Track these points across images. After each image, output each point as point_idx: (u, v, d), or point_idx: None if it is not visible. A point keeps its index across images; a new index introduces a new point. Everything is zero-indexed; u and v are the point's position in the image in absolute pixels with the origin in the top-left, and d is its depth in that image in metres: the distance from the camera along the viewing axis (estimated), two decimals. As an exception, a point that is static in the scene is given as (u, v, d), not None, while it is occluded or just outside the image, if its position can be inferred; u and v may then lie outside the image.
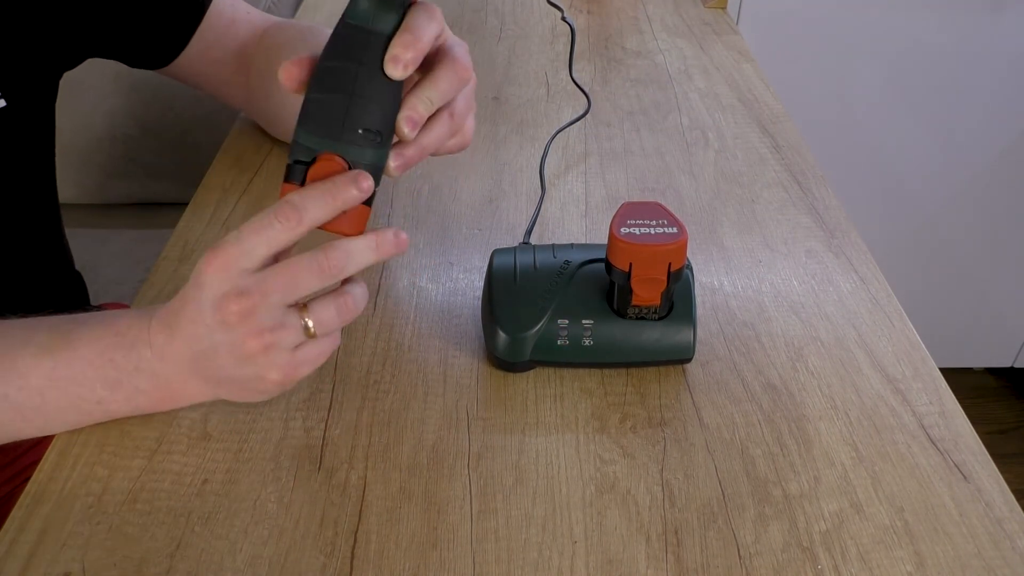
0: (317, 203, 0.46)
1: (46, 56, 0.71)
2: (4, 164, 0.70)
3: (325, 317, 0.48)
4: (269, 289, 0.45)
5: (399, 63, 0.46)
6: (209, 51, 0.76)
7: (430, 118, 0.51)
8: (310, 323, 0.47)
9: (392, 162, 0.49)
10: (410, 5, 0.48)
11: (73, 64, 0.75)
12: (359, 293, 0.49)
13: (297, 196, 0.46)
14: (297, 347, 0.48)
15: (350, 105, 0.47)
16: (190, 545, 0.47)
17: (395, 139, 0.50)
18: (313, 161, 0.47)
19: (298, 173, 0.47)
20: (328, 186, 0.46)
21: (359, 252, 0.47)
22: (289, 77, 0.47)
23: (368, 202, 0.48)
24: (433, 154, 0.53)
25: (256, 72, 0.76)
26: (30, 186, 0.76)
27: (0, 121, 0.68)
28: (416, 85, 0.49)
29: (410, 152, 0.50)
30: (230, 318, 0.46)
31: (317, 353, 0.49)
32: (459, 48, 0.51)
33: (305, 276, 0.46)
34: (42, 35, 0.69)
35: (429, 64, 0.50)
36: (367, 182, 0.47)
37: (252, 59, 0.77)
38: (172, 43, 0.75)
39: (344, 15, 0.47)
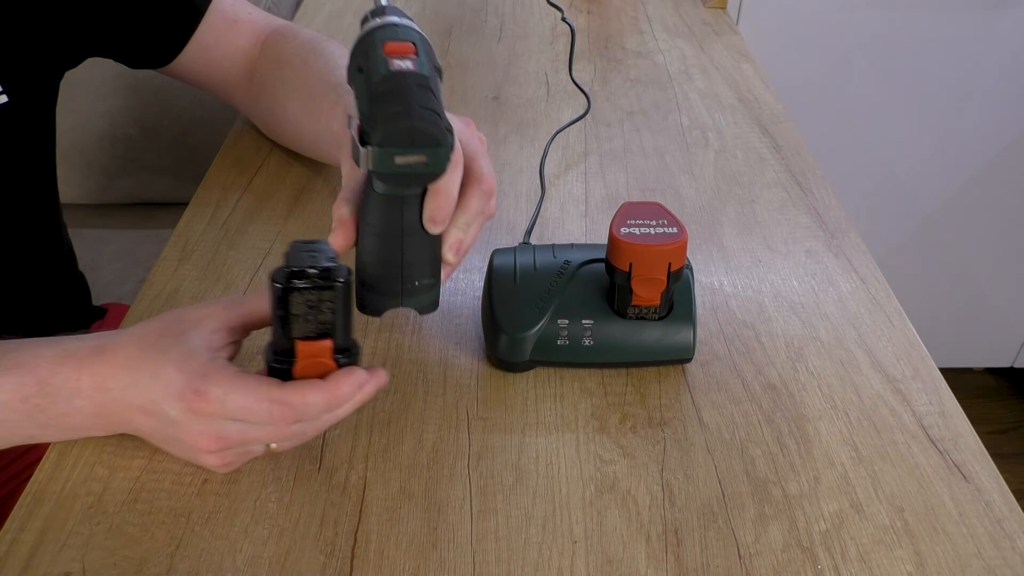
0: (318, 407, 0.46)
1: (47, 54, 0.71)
2: (6, 161, 0.70)
3: (290, 445, 0.50)
4: (249, 439, 0.47)
5: (437, 223, 0.49)
6: (209, 52, 0.76)
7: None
8: (273, 445, 0.49)
9: (443, 277, 0.53)
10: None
11: (74, 63, 0.75)
12: (325, 420, 0.49)
13: (299, 404, 0.46)
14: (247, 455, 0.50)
15: (404, 270, 0.50)
16: (190, 545, 0.47)
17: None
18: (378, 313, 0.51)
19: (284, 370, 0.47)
20: (330, 390, 0.47)
21: (334, 416, 0.49)
22: (347, 240, 0.50)
23: (354, 362, 0.48)
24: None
25: (258, 80, 0.76)
26: (32, 185, 0.76)
27: (2, 117, 0.68)
28: (452, 218, 0.51)
29: (453, 264, 0.53)
30: (201, 447, 0.47)
31: (255, 455, 0.51)
32: (480, 161, 0.53)
33: (288, 437, 0.48)
34: (44, 33, 0.69)
35: None
36: (371, 387, 0.49)
37: (255, 65, 0.77)
38: (171, 42, 0.75)
39: (371, 184, 0.48)
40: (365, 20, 0.49)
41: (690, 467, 0.52)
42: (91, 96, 1.25)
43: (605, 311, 0.56)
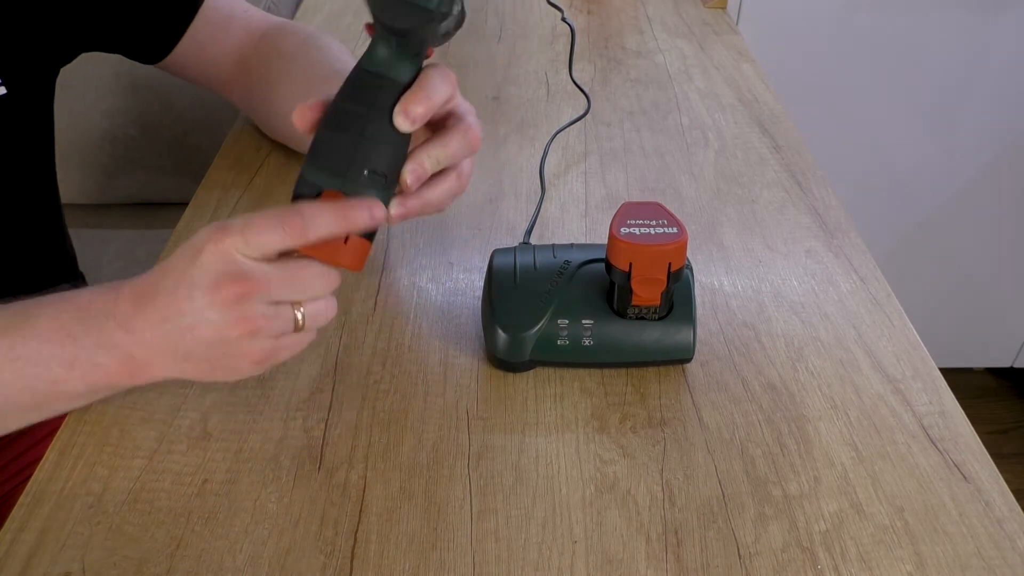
0: (326, 219, 0.46)
1: (44, 47, 0.71)
2: (4, 154, 0.70)
3: (316, 311, 0.48)
4: (271, 280, 0.46)
5: (408, 116, 0.48)
6: (205, 47, 0.76)
7: (437, 175, 0.53)
8: (300, 316, 0.47)
9: (393, 210, 0.51)
10: (426, 57, 0.49)
11: (70, 57, 0.75)
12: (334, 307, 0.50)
13: (308, 208, 0.46)
14: (279, 335, 0.48)
15: (358, 146, 0.48)
16: (190, 545, 0.47)
17: (398, 188, 0.51)
18: (317, 196, 0.48)
19: None
20: (341, 206, 0.46)
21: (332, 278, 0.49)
22: (302, 119, 0.49)
23: (370, 237, 0.48)
24: (434, 210, 0.54)
25: (256, 76, 0.76)
26: (30, 180, 0.76)
27: (1, 109, 0.68)
28: (426, 142, 0.51)
29: (412, 203, 0.52)
30: (224, 299, 0.45)
31: (296, 342, 0.49)
32: (472, 116, 0.53)
33: (312, 282, 0.47)
34: (40, 25, 0.69)
35: (439, 125, 0.52)
36: (380, 212, 0.47)
37: (251, 60, 0.77)
38: (166, 37, 0.75)
39: (360, 61, 0.49)
40: None
41: (690, 467, 0.52)
42: (91, 96, 1.25)
43: (605, 311, 0.56)
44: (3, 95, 0.67)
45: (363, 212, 0.47)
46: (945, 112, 1.47)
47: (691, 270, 0.58)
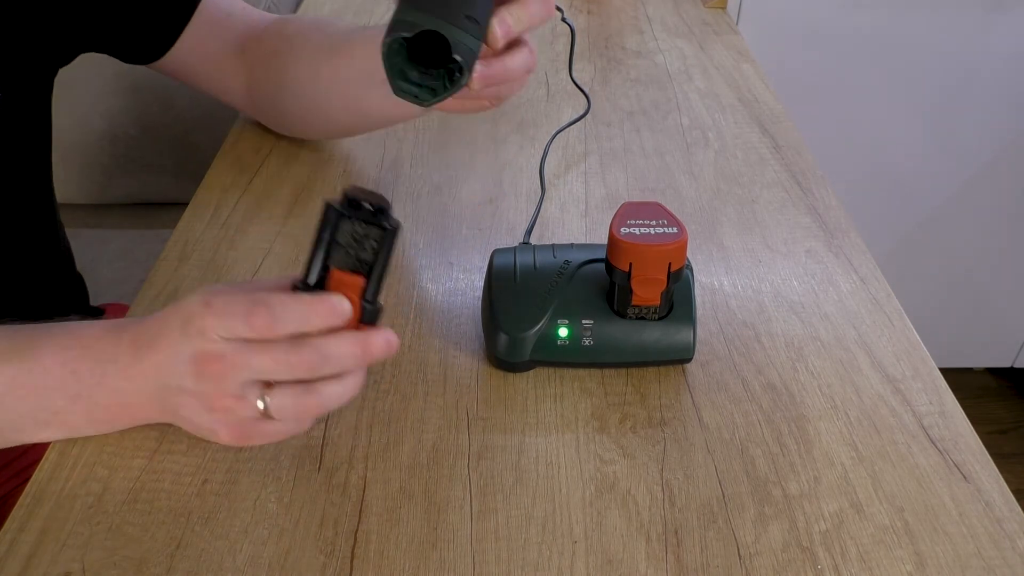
0: (296, 322, 0.46)
1: (40, 50, 0.71)
2: (1, 157, 0.70)
3: (282, 404, 0.47)
4: (243, 363, 0.46)
5: None
6: (203, 45, 0.75)
7: (513, 44, 0.54)
8: (262, 405, 0.47)
9: (476, 71, 0.51)
10: None
11: (67, 59, 0.75)
12: (330, 393, 0.48)
13: (280, 305, 0.45)
14: (256, 419, 0.48)
15: None
16: (190, 545, 0.47)
17: (483, 46, 0.51)
18: (415, 36, 0.47)
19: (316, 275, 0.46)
20: (310, 303, 0.46)
21: (340, 357, 0.47)
22: None
23: (373, 319, 0.47)
24: (495, 98, 0.56)
25: (261, 65, 0.75)
26: (27, 182, 0.76)
27: None
28: (507, 2, 0.52)
29: (494, 69, 0.53)
30: (201, 373, 0.46)
31: (272, 431, 0.49)
32: None
33: (276, 366, 0.46)
34: (37, 28, 0.69)
35: None
36: (347, 307, 0.46)
37: (253, 52, 0.76)
38: (164, 35, 0.74)
39: None
40: None
41: (690, 467, 0.52)
42: (91, 96, 1.25)
43: (605, 311, 0.56)
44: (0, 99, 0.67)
45: (329, 313, 0.46)
46: (945, 112, 1.46)
47: (691, 270, 0.58)
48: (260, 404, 0.47)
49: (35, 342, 0.50)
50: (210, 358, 0.46)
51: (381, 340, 0.47)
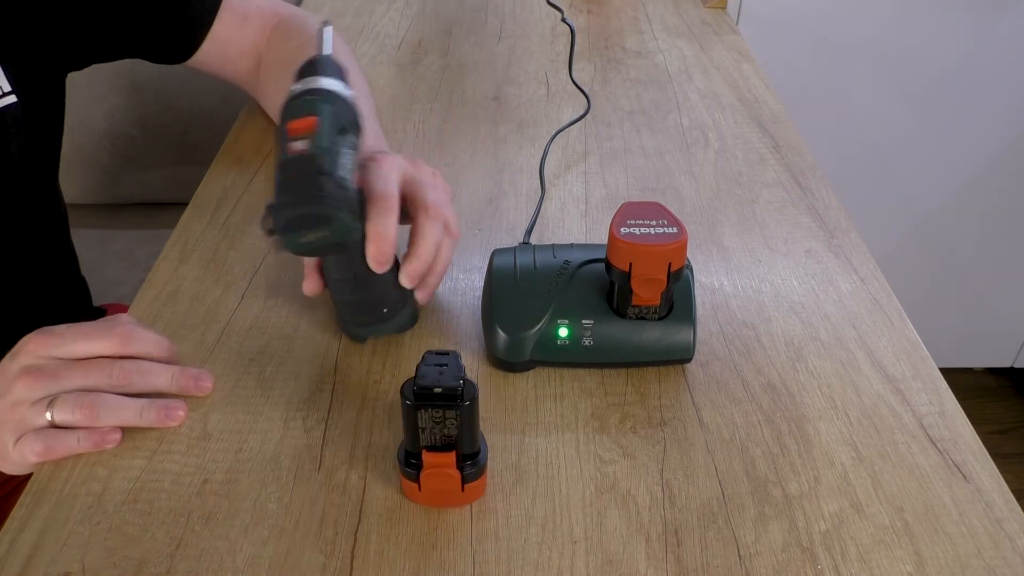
0: (140, 360, 0.54)
1: (56, 54, 0.71)
2: (14, 162, 0.70)
3: (64, 410, 0.51)
4: (62, 376, 0.51)
5: (380, 264, 0.53)
6: (223, 49, 0.78)
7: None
8: (49, 415, 0.51)
9: (420, 298, 0.60)
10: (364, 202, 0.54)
11: (82, 64, 0.75)
12: (108, 407, 0.52)
13: (131, 338, 0.54)
14: (46, 433, 0.51)
15: (369, 305, 0.57)
16: (190, 545, 0.47)
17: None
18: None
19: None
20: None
21: (154, 375, 0.54)
22: (311, 289, 0.58)
23: (478, 473, 0.49)
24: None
25: (264, 65, 0.77)
26: (38, 185, 0.76)
27: (11, 117, 0.67)
28: (408, 249, 0.57)
29: (430, 284, 0.59)
30: (16, 387, 0.51)
31: (62, 445, 0.51)
32: (425, 191, 0.57)
33: (95, 373, 0.52)
34: (53, 33, 0.69)
35: (407, 209, 0.57)
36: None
37: (263, 56, 0.78)
38: (182, 47, 0.76)
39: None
40: (296, 75, 0.55)
41: (690, 467, 0.52)
42: (91, 96, 1.25)
43: (605, 311, 0.56)
44: (13, 103, 0.67)
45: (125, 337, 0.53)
46: (945, 112, 1.46)
47: (691, 270, 0.58)
48: (50, 412, 0.51)
49: None
50: (33, 371, 0.51)
51: (191, 377, 0.55)
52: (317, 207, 0.49)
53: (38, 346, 0.52)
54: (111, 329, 0.53)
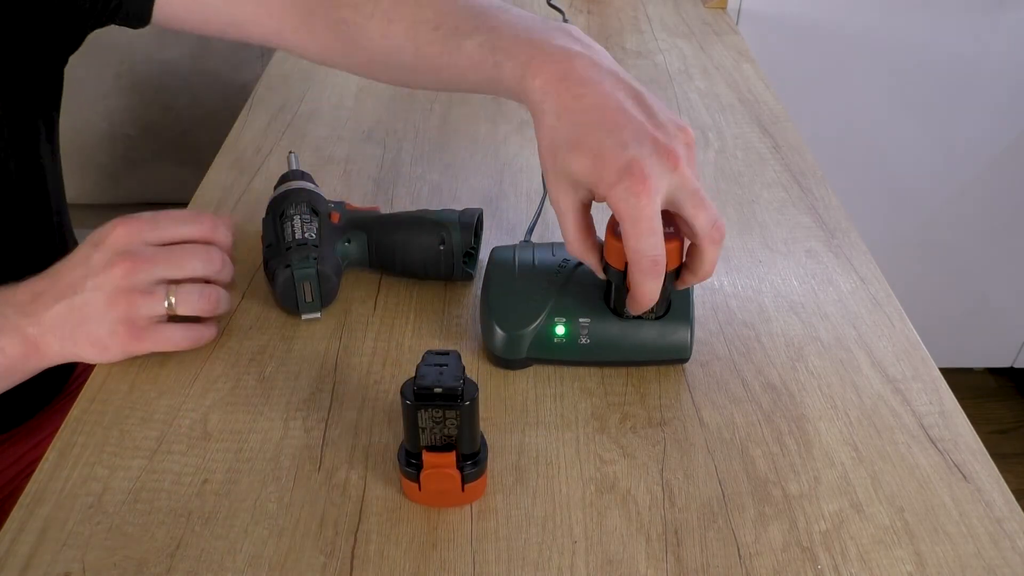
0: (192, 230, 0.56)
1: (48, 36, 0.69)
2: (13, 160, 0.70)
3: (188, 298, 0.54)
4: (158, 261, 0.53)
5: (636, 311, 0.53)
6: None
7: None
8: (173, 299, 0.54)
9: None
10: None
11: (75, 44, 0.73)
12: (224, 295, 0.57)
13: (219, 225, 0.56)
14: (157, 321, 0.54)
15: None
16: (190, 545, 0.47)
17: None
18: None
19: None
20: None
21: (231, 271, 0.58)
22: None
23: (478, 472, 0.48)
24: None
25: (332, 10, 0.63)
26: (37, 181, 0.75)
27: (4, 115, 0.67)
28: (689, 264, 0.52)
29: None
30: (112, 276, 0.52)
31: (166, 337, 0.55)
32: (700, 212, 0.49)
33: (191, 260, 0.54)
34: (41, 14, 0.68)
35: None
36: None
37: None
38: None
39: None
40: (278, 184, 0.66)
41: (690, 467, 0.52)
42: (91, 96, 1.25)
43: (602, 310, 0.56)
44: (6, 99, 0.67)
45: (211, 225, 0.57)
46: (945, 112, 1.46)
47: (691, 270, 0.58)
48: (171, 299, 0.53)
49: None
50: (127, 257, 0.52)
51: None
52: None
53: (128, 232, 0.52)
54: (199, 215, 0.55)
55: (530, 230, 0.70)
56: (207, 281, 0.57)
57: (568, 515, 0.49)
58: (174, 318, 0.56)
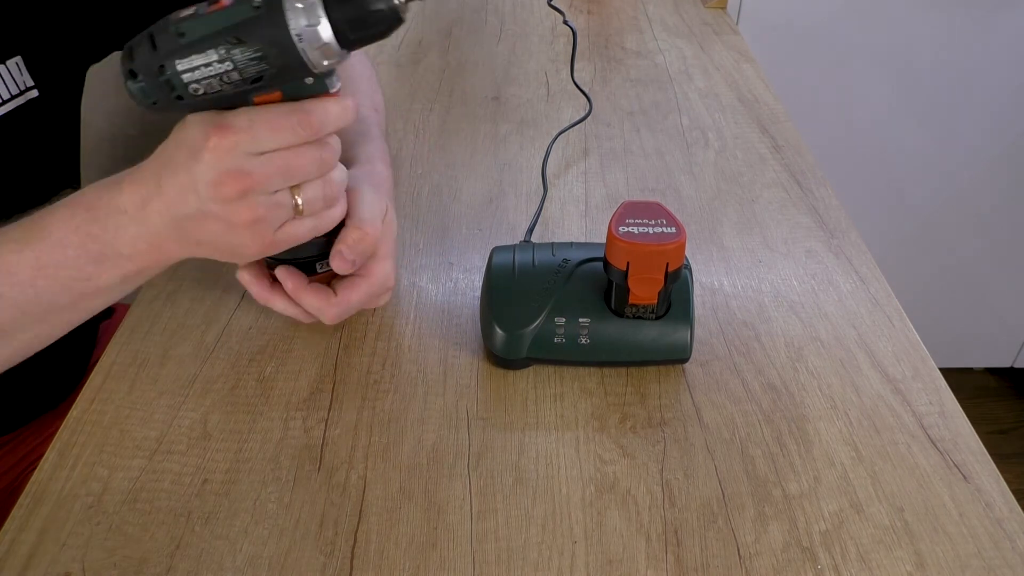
0: (337, 121, 0.49)
1: (76, 46, 0.70)
2: (33, 156, 0.70)
3: (313, 196, 0.51)
4: (271, 173, 0.48)
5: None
6: None
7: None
8: (300, 201, 0.50)
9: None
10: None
11: (101, 54, 0.75)
12: (338, 176, 0.52)
13: (321, 110, 0.48)
14: (282, 223, 0.51)
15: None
16: (190, 545, 0.47)
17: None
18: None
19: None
20: (347, 109, 0.50)
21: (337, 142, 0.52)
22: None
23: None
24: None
25: None
26: (57, 181, 0.75)
27: (32, 112, 0.67)
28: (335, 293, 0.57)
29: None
30: (228, 194, 0.47)
31: (295, 231, 0.52)
32: (385, 262, 0.58)
33: (306, 166, 0.49)
34: (72, 25, 0.69)
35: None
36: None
37: None
38: None
39: None
40: None
41: (690, 467, 0.52)
42: (91, 96, 1.25)
43: (602, 310, 0.56)
44: (35, 98, 0.67)
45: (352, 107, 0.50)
46: (945, 112, 1.47)
47: (690, 270, 0.58)
48: (297, 201, 0.50)
49: (42, 222, 0.51)
50: (235, 175, 0.47)
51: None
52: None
53: (227, 146, 0.47)
54: (297, 116, 0.48)
55: (530, 230, 0.70)
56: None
57: (568, 515, 0.49)
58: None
